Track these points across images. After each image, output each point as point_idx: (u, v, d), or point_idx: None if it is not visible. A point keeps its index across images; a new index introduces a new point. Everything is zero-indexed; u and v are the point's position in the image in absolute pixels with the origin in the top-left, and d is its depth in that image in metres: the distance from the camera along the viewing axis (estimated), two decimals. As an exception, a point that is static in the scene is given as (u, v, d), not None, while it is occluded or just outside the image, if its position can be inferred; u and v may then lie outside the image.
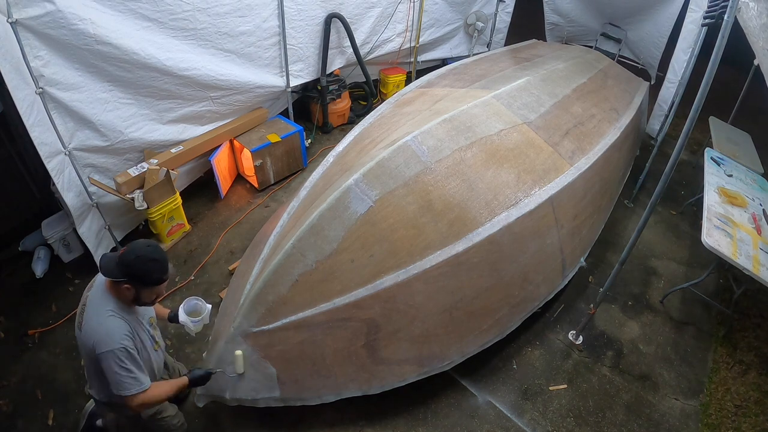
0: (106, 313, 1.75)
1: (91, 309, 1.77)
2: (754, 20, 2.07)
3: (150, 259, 1.74)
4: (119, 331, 1.73)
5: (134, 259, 1.71)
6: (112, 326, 1.73)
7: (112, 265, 1.73)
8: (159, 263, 1.77)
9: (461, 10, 5.80)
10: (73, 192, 2.95)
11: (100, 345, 1.70)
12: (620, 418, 2.73)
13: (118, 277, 1.73)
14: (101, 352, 1.70)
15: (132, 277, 1.73)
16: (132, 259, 1.71)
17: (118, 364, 1.71)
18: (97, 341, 1.70)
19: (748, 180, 3.76)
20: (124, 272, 1.72)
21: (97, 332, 1.71)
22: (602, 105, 3.77)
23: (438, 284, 2.44)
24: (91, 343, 1.72)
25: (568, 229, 2.97)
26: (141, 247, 1.75)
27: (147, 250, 1.75)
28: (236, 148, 4.21)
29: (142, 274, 1.74)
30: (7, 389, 2.69)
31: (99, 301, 1.78)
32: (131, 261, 1.71)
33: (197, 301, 2.25)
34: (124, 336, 1.74)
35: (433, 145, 2.70)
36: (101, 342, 1.70)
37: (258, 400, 2.36)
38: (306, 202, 2.69)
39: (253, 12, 3.71)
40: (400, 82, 5.71)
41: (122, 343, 1.72)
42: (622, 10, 5.45)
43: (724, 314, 3.35)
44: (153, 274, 1.76)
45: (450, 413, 2.69)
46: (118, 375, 1.72)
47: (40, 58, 2.62)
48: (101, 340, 1.70)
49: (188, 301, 2.25)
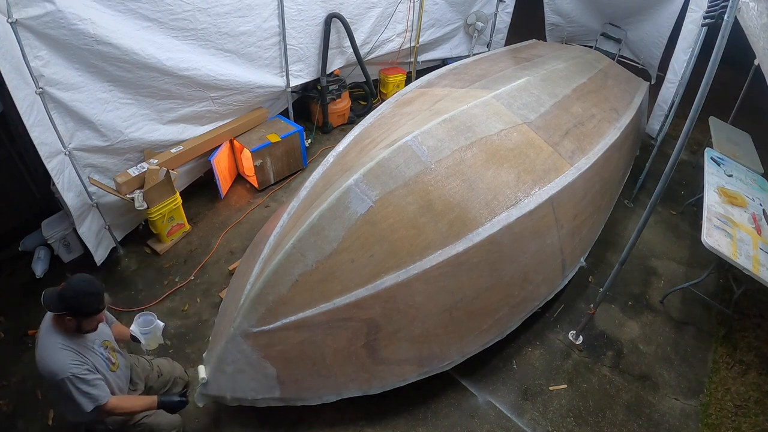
0: (54, 346, 1.91)
1: (40, 343, 1.93)
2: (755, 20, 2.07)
3: (88, 293, 1.91)
4: (65, 361, 1.89)
5: (74, 294, 1.88)
6: (58, 358, 1.89)
7: (54, 299, 1.89)
8: (95, 296, 1.94)
9: (461, 10, 5.80)
10: (73, 192, 2.95)
11: (53, 375, 1.85)
12: (620, 418, 2.74)
13: (60, 310, 1.89)
14: (55, 382, 1.86)
15: (72, 310, 1.89)
16: (72, 294, 1.88)
17: (75, 386, 1.87)
18: (50, 372, 1.86)
19: (748, 180, 3.76)
20: (65, 306, 1.88)
21: (48, 364, 1.87)
22: (602, 105, 3.77)
23: (438, 284, 2.44)
24: (46, 373, 1.88)
25: (568, 229, 2.97)
26: (79, 282, 1.92)
27: (84, 285, 1.92)
28: (236, 148, 4.21)
29: (82, 306, 1.90)
30: (7, 389, 2.69)
31: (47, 335, 1.94)
32: (70, 297, 1.88)
33: (150, 316, 2.33)
34: (70, 365, 1.88)
35: (433, 145, 2.70)
36: (53, 372, 1.85)
37: (258, 400, 2.36)
38: (306, 202, 2.69)
39: (254, 12, 3.71)
40: (400, 82, 5.71)
41: (70, 371, 1.87)
42: (622, 10, 5.45)
43: (724, 314, 3.35)
44: (90, 306, 1.93)
45: (450, 413, 2.69)
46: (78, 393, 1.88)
47: (40, 58, 2.62)
48: (53, 371, 1.85)
49: (142, 315, 2.34)
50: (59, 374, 1.85)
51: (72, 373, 1.86)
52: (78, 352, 1.94)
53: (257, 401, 2.37)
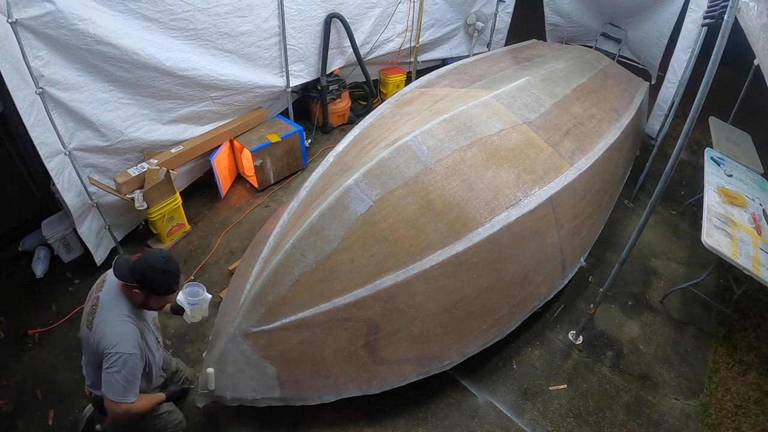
0: (121, 317, 1.80)
1: (104, 310, 1.81)
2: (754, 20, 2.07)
3: (162, 271, 1.80)
4: (132, 338, 1.79)
5: (147, 267, 1.77)
6: (127, 331, 1.78)
7: (125, 268, 1.78)
8: (171, 275, 1.83)
9: (461, 10, 5.80)
10: (73, 192, 2.95)
11: (111, 345, 1.74)
12: (620, 418, 2.73)
13: (129, 281, 1.78)
14: (111, 351, 1.73)
15: (143, 284, 1.78)
16: (145, 267, 1.77)
17: (120, 370, 1.74)
18: (110, 341, 1.74)
19: (748, 180, 3.76)
20: (137, 278, 1.77)
21: (111, 332, 1.76)
22: (602, 105, 3.77)
23: (438, 284, 2.44)
24: (102, 341, 1.75)
25: (568, 229, 2.97)
26: (156, 257, 1.80)
27: (161, 261, 1.80)
28: (236, 148, 4.21)
29: (154, 283, 1.80)
30: (7, 389, 2.69)
31: (112, 302, 1.82)
32: (144, 269, 1.77)
33: (198, 287, 2.23)
34: (135, 344, 1.79)
35: (433, 145, 2.70)
36: (113, 343, 1.74)
37: (258, 400, 2.36)
38: (306, 202, 2.69)
39: (254, 12, 3.71)
40: (400, 82, 5.71)
41: (132, 351, 1.77)
42: (622, 10, 5.45)
43: (724, 314, 3.35)
44: (164, 285, 1.82)
45: (450, 413, 2.69)
46: (115, 378, 1.75)
47: (40, 58, 2.62)
48: (114, 342, 1.74)
49: (189, 285, 2.24)
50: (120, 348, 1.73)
51: (132, 353, 1.75)
52: (140, 330, 1.84)
53: (257, 401, 2.37)
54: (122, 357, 1.74)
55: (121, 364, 1.74)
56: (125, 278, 1.78)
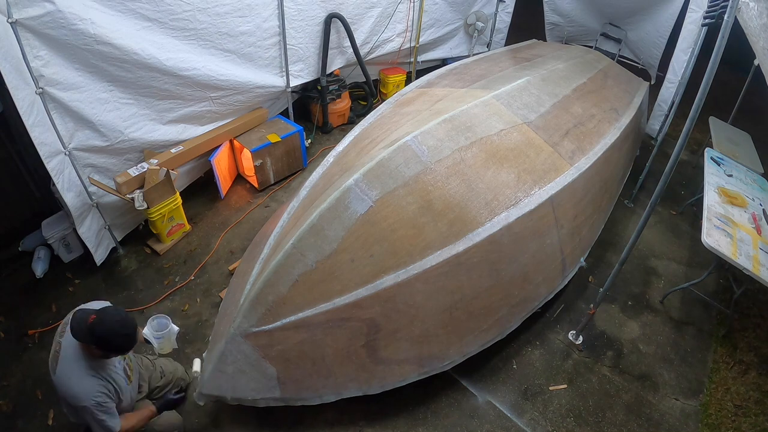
0: (80, 372, 1.87)
1: (64, 361, 1.88)
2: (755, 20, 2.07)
3: (122, 335, 1.85)
4: (92, 390, 1.87)
5: (105, 332, 1.81)
6: (86, 385, 1.87)
7: (84, 331, 1.82)
8: (129, 337, 1.89)
9: (461, 10, 5.80)
10: (73, 192, 2.95)
11: (75, 399, 1.85)
12: (620, 418, 2.73)
13: (89, 342, 1.83)
14: (79, 405, 1.85)
15: (101, 347, 1.85)
16: (102, 332, 1.81)
17: (93, 417, 1.87)
18: (73, 395, 1.85)
19: (748, 180, 3.76)
20: (95, 342, 1.82)
21: (71, 386, 1.85)
22: (602, 105, 3.77)
23: (438, 284, 2.44)
24: (65, 392, 1.86)
25: (568, 229, 2.97)
26: (112, 320, 1.84)
27: (117, 324, 1.84)
28: (236, 148, 4.21)
29: (112, 346, 1.86)
30: (7, 389, 2.69)
31: (72, 355, 1.89)
32: (102, 334, 1.81)
33: (165, 320, 2.32)
34: (97, 393, 1.88)
35: (433, 145, 2.70)
36: (77, 397, 1.85)
37: (258, 400, 2.36)
38: (306, 202, 2.69)
39: (254, 12, 3.71)
40: (400, 82, 5.71)
41: (95, 400, 1.86)
42: (622, 10, 5.45)
43: (724, 314, 3.35)
44: (122, 346, 1.90)
45: (450, 413, 2.69)
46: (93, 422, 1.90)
47: (40, 58, 2.62)
48: (76, 395, 1.85)
49: (156, 317, 2.32)
50: (83, 401, 1.84)
51: (96, 402, 1.86)
52: (102, 377, 1.92)
53: (257, 401, 2.37)
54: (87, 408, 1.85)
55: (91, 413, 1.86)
56: (85, 340, 1.83)
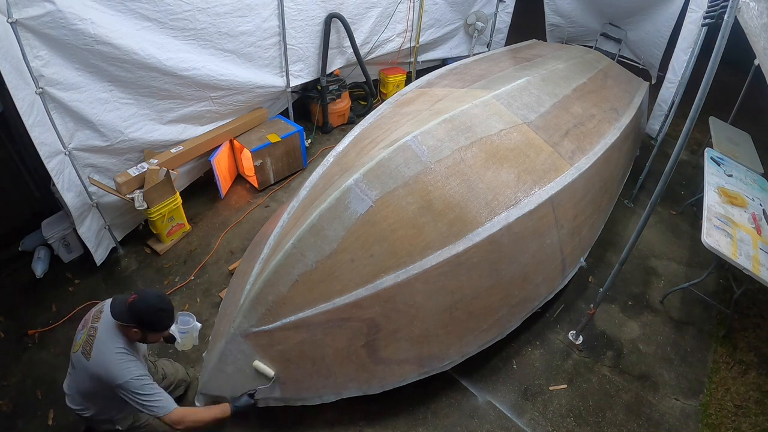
0: (117, 350, 1.87)
1: (100, 343, 1.88)
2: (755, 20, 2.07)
3: (159, 309, 1.89)
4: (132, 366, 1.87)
5: (145, 309, 1.85)
6: (124, 360, 1.87)
7: (123, 310, 1.86)
8: (167, 313, 1.92)
9: (461, 10, 5.80)
10: (73, 192, 2.95)
11: (116, 378, 1.83)
12: (620, 418, 2.73)
13: (127, 321, 1.87)
14: (119, 383, 1.83)
15: (141, 324, 1.87)
16: (143, 308, 1.85)
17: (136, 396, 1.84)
18: (112, 375, 1.83)
19: (748, 180, 3.76)
20: (134, 319, 1.85)
21: (110, 367, 1.84)
22: (602, 105, 3.77)
23: (438, 284, 2.44)
24: (104, 374, 1.84)
25: (568, 229, 2.97)
26: (151, 297, 1.89)
27: (156, 300, 1.89)
28: (236, 148, 4.21)
29: (152, 322, 1.89)
30: (7, 389, 2.69)
31: (109, 336, 1.90)
32: (141, 310, 1.85)
33: (189, 317, 2.35)
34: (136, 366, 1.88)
35: (433, 145, 2.70)
36: (117, 376, 1.83)
37: (258, 400, 2.36)
38: (306, 202, 2.69)
39: (253, 12, 3.71)
40: (400, 82, 5.71)
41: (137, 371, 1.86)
42: (622, 10, 5.45)
43: (724, 314, 3.35)
44: (162, 323, 1.92)
45: (450, 413, 2.69)
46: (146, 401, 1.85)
47: (40, 58, 2.62)
48: (116, 374, 1.83)
49: (181, 314, 2.34)
50: (123, 377, 1.83)
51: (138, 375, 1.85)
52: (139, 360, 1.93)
53: (257, 401, 2.37)
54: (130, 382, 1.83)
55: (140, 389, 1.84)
56: (123, 319, 1.86)
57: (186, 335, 2.32)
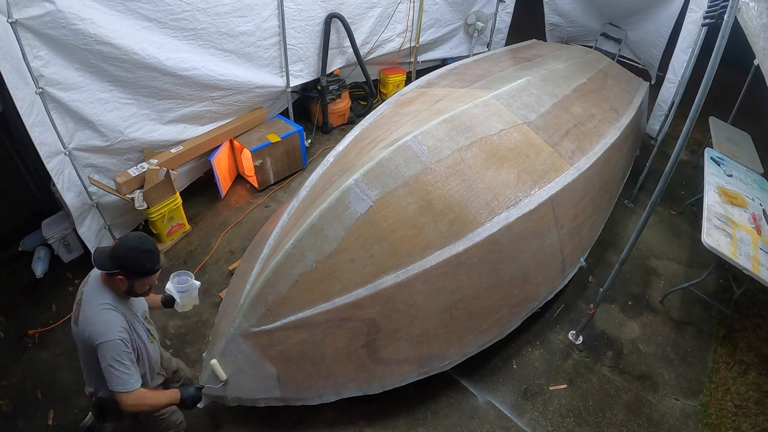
0: (103, 306, 1.78)
1: (87, 303, 1.80)
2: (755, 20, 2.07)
3: (142, 251, 1.78)
4: (116, 323, 1.77)
5: (126, 251, 1.76)
6: (109, 318, 1.77)
7: (105, 257, 1.77)
8: (151, 253, 1.82)
9: (461, 10, 5.80)
10: (73, 192, 2.95)
11: (98, 336, 1.73)
12: (620, 418, 2.73)
13: (111, 269, 1.77)
14: (99, 342, 1.73)
15: (125, 269, 1.77)
16: (124, 251, 1.76)
17: (114, 357, 1.74)
18: (95, 333, 1.74)
19: (748, 180, 3.76)
20: (117, 264, 1.76)
21: (94, 324, 1.75)
22: (602, 105, 3.77)
23: (438, 284, 2.44)
24: (87, 334, 1.75)
25: (568, 229, 2.97)
26: (132, 239, 1.80)
27: (138, 241, 1.79)
28: (236, 148, 4.21)
29: (135, 265, 1.78)
30: (7, 389, 2.69)
31: (94, 294, 1.82)
32: (124, 253, 1.75)
33: (186, 275, 2.22)
34: (121, 329, 1.78)
35: (433, 145, 2.70)
36: (99, 333, 1.73)
37: (258, 400, 2.36)
38: (306, 202, 2.69)
39: (253, 12, 3.71)
40: (400, 82, 5.71)
41: (119, 335, 1.76)
42: (622, 10, 5.45)
43: (724, 314, 3.35)
44: (146, 265, 1.81)
45: (450, 413, 2.69)
46: (112, 368, 1.74)
47: (40, 58, 2.62)
48: (99, 332, 1.74)
49: (177, 274, 2.22)
50: (107, 336, 1.72)
51: (120, 338, 1.75)
52: (125, 316, 1.83)
53: (257, 401, 2.37)
54: (108, 344, 1.73)
55: (109, 352, 1.73)
56: (106, 267, 1.77)
57: (185, 294, 2.19)
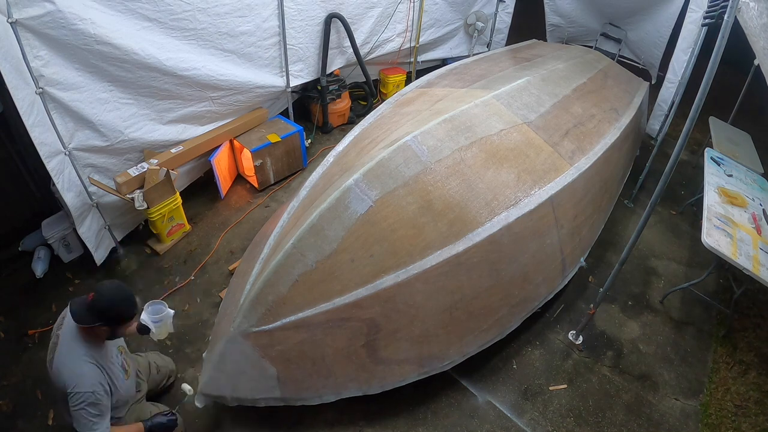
0: (80, 359, 1.85)
1: (63, 350, 1.86)
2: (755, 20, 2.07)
3: (121, 299, 1.86)
4: (91, 377, 1.84)
5: (106, 303, 1.82)
6: (85, 371, 1.84)
7: (84, 313, 1.82)
8: (130, 301, 1.90)
9: (461, 10, 5.80)
10: (73, 192, 2.95)
11: (71, 385, 1.80)
12: (620, 418, 2.73)
13: (93, 323, 1.83)
14: (72, 392, 1.80)
15: (107, 320, 1.84)
16: (105, 304, 1.81)
17: (84, 407, 1.81)
18: (68, 382, 1.81)
19: (748, 180, 3.76)
20: (98, 317, 1.82)
21: (69, 374, 1.82)
22: (602, 105, 3.77)
23: (438, 284, 2.44)
24: (62, 382, 1.82)
25: (568, 229, 2.97)
26: (109, 290, 1.85)
27: (115, 291, 1.86)
28: (236, 148, 4.21)
29: (116, 315, 1.86)
30: (7, 389, 2.69)
31: (71, 344, 1.87)
32: (105, 306, 1.81)
33: (160, 305, 2.29)
34: (96, 383, 1.85)
35: (433, 145, 2.70)
36: (73, 383, 1.81)
37: (258, 400, 2.36)
38: (306, 202, 2.69)
39: (253, 12, 3.71)
40: (400, 82, 5.71)
41: (92, 389, 1.82)
42: (623, 10, 5.45)
43: (724, 314, 3.35)
44: (126, 312, 1.89)
45: (450, 413, 2.69)
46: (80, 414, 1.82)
47: (40, 58, 2.62)
48: (73, 382, 1.81)
49: (151, 304, 2.30)
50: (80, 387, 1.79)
51: (92, 391, 1.82)
52: (101, 366, 1.89)
53: (257, 401, 2.37)
54: (81, 394, 1.80)
55: (82, 402, 1.80)
56: (86, 322, 1.82)
57: (160, 324, 2.25)
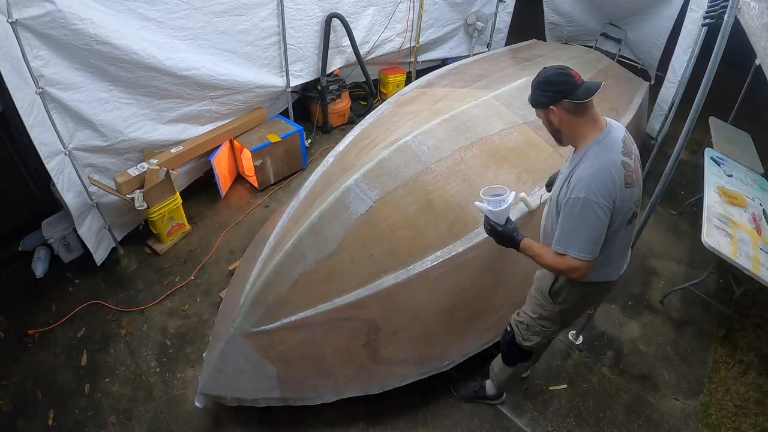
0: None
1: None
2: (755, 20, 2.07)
3: (557, 68, 1.77)
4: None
5: (549, 73, 1.75)
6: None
7: (534, 88, 1.78)
8: (563, 69, 1.78)
9: (461, 10, 5.80)
10: (73, 192, 2.95)
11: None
12: (620, 418, 2.73)
13: (554, 98, 1.76)
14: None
15: (558, 90, 1.77)
16: (548, 73, 1.75)
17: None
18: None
19: (748, 180, 3.76)
20: (552, 88, 1.77)
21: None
22: (602, 105, 3.77)
23: (438, 284, 2.43)
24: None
25: (568, 229, 2.96)
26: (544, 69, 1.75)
27: (550, 69, 1.76)
28: (236, 148, 4.21)
29: (564, 80, 1.75)
30: (7, 389, 2.69)
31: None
32: (549, 74, 1.75)
33: (501, 190, 1.97)
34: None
35: (433, 145, 2.70)
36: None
37: (258, 400, 2.36)
38: (306, 202, 2.69)
39: (251, 11, 3.71)
40: (400, 82, 5.71)
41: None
42: (622, 10, 5.45)
43: (724, 314, 3.35)
44: (571, 76, 1.79)
45: (450, 413, 2.69)
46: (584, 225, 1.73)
47: (40, 58, 2.62)
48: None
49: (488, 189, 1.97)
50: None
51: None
52: None
53: (257, 401, 2.37)
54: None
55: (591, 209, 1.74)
56: (552, 99, 1.75)
57: (506, 206, 1.94)
